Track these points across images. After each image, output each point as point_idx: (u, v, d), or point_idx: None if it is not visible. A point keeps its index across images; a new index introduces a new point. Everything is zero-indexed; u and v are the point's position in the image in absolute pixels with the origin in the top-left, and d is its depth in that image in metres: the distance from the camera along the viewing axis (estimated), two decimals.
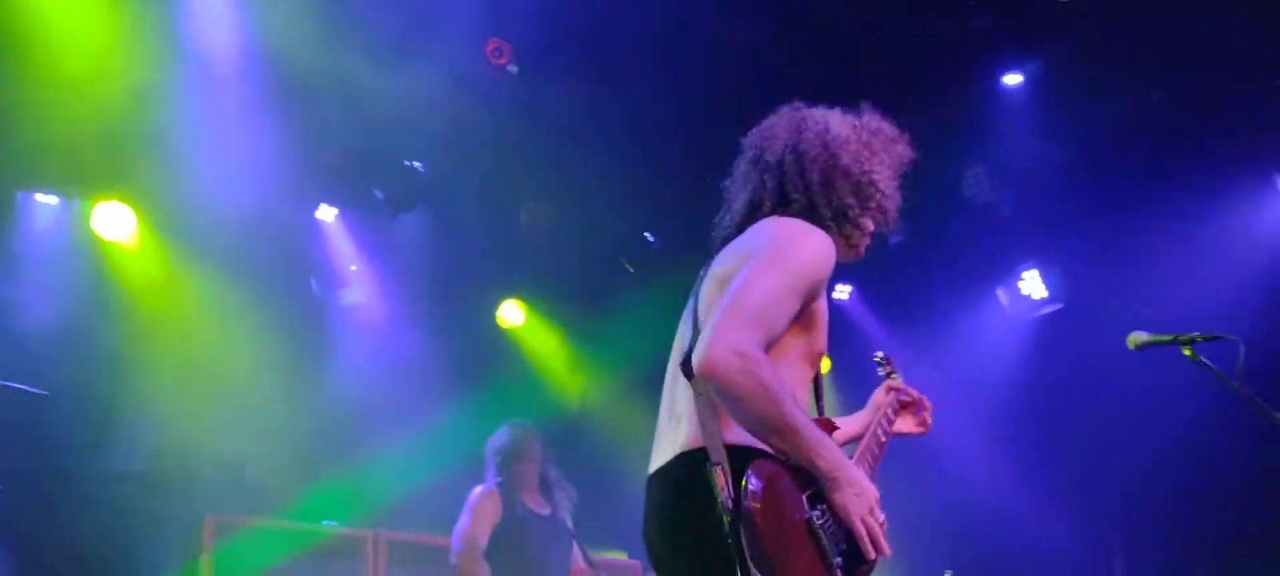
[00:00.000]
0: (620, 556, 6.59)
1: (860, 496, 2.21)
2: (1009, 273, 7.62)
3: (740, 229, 2.52)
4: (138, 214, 6.18)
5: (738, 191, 2.61)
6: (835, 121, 2.59)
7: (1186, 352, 3.17)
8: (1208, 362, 3.18)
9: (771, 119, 2.65)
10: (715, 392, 2.20)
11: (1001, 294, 7.73)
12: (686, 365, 2.33)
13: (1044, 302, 7.51)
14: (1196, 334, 3.18)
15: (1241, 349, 3.07)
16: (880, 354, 3.16)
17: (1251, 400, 3.06)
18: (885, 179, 2.56)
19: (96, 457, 6.16)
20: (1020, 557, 7.07)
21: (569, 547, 5.26)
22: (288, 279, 6.74)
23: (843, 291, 7.95)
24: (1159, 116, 6.38)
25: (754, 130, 2.66)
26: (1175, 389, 5.45)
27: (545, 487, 5.27)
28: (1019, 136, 6.73)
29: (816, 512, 2.21)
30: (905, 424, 2.95)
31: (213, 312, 6.30)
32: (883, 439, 2.81)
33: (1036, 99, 6.56)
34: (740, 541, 2.10)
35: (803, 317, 2.37)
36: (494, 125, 6.24)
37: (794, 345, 2.37)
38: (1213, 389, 3.23)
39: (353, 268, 6.93)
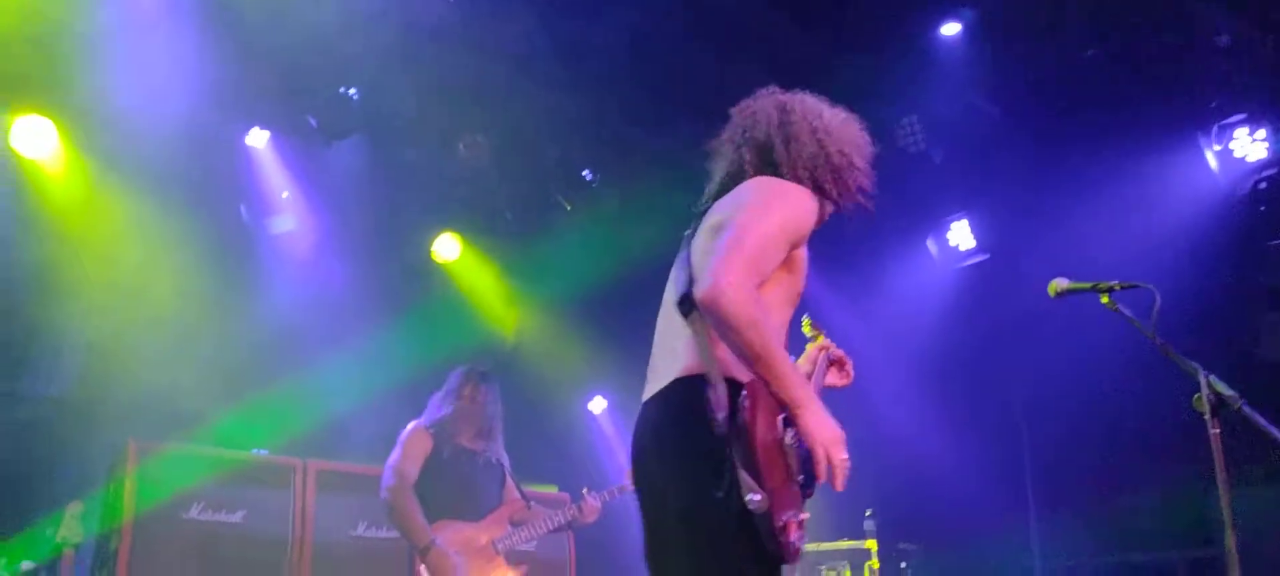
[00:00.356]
0: (552, 490, 6.64)
1: (823, 426, 2.50)
2: (938, 222, 7.74)
3: (726, 191, 2.76)
4: (59, 129, 5.99)
5: (723, 161, 2.86)
6: (825, 109, 2.86)
7: (1104, 300, 3.26)
8: (1124, 310, 3.26)
9: (755, 100, 2.89)
10: (712, 320, 2.47)
11: (930, 243, 7.86)
12: (683, 303, 2.62)
13: (971, 252, 7.64)
14: (1115, 282, 3.27)
15: (1157, 298, 3.17)
16: (808, 320, 3.37)
17: (1164, 348, 3.16)
18: (861, 169, 2.86)
19: (18, 380, 6.02)
20: (940, 500, 7.26)
21: (501, 482, 5.28)
22: (217, 203, 6.60)
23: None
24: (1091, 73, 6.49)
25: (739, 108, 2.90)
26: (1092, 339, 5.62)
27: (485, 431, 5.25)
28: (954, 87, 6.80)
29: (789, 434, 2.52)
30: (832, 377, 3.32)
31: (139, 235, 6.15)
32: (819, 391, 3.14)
33: (972, 50, 6.62)
34: (731, 450, 2.40)
35: (787, 262, 2.66)
36: (433, 54, 6.14)
37: (779, 286, 2.65)
38: (1128, 338, 3.32)
39: (284, 194, 6.80)
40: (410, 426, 5.18)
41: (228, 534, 5.90)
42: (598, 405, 8.24)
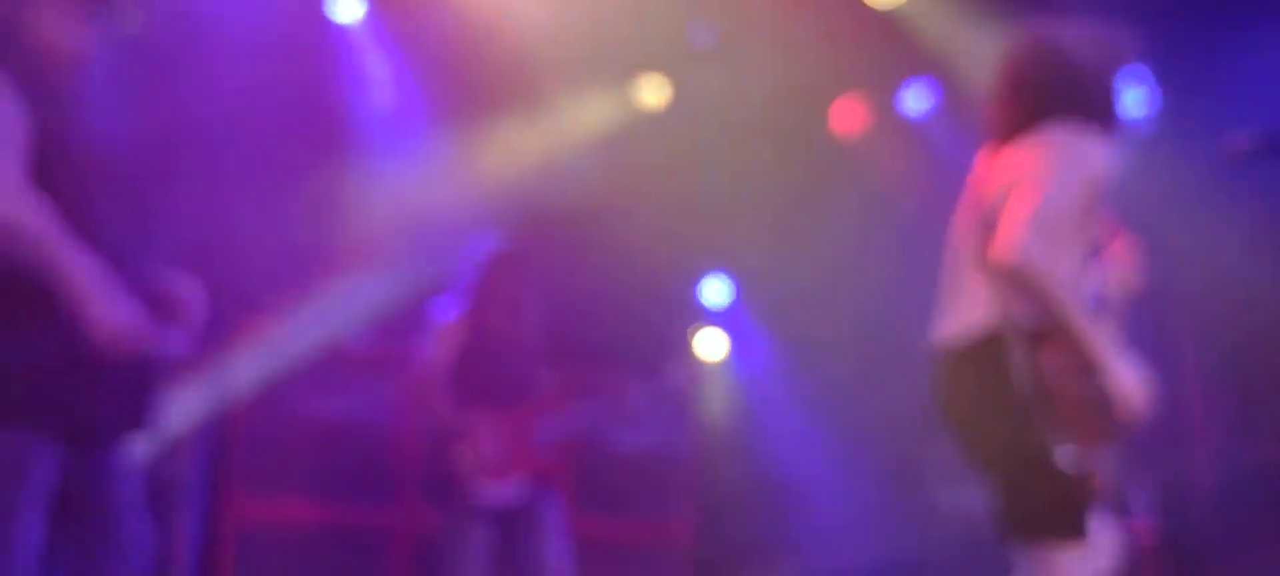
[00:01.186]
0: (606, 377, 6.36)
1: (1122, 382, 2.74)
2: None
3: (1010, 133, 2.90)
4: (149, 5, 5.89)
5: (1004, 96, 2.97)
6: (1092, 38, 2.98)
7: None
8: None
9: (1034, 31, 3.04)
10: (1014, 289, 2.67)
11: None
12: (985, 256, 2.77)
13: (1137, 118, 6.99)
14: None
15: None
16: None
17: None
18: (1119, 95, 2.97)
19: None
20: None
21: (538, 367, 5.13)
22: (310, 78, 6.44)
23: (920, 102, 7.35)
24: None
25: (1014, 39, 3.05)
26: (1267, 211, 5.05)
27: (518, 313, 5.09)
28: None
29: (1091, 384, 2.71)
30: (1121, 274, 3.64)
31: (236, 110, 6.05)
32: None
33: None
34: (1038, 409, 2.63)
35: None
36: None
37: (1075, 234, 2.76)
38: None
39: (379, 70, 6.63)
40: (441, 309, 5.05)
41: (335, 418, 6.04)
42: (711, 290, 7.72)
